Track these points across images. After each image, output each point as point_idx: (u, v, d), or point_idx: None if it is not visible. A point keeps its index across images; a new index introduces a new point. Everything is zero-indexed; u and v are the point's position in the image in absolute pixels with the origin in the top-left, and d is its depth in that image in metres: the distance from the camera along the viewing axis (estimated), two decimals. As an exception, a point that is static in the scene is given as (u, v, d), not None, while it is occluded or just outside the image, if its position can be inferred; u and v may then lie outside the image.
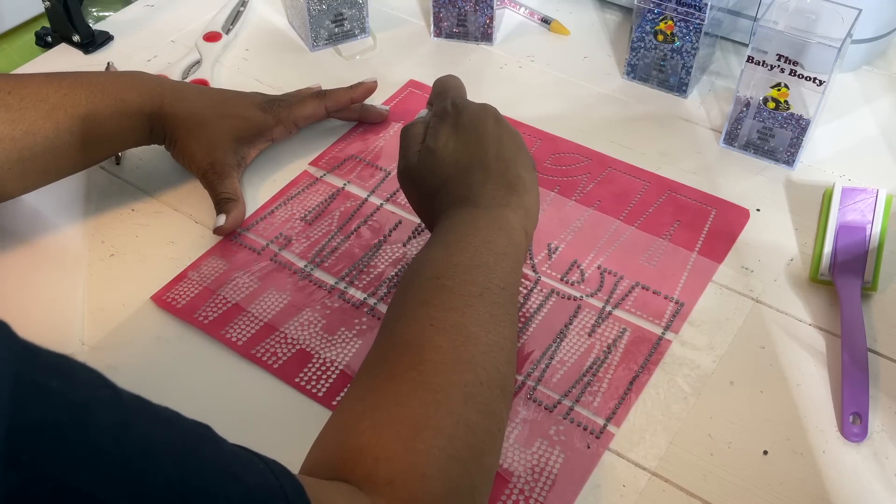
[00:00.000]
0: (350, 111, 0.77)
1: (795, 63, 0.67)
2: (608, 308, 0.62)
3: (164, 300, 0.63)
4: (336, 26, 0.86)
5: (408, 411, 0.42)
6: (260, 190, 0.72)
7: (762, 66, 0.68)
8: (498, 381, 0.46)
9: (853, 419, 0.55)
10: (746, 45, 0.71)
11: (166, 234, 0.68)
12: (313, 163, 0.74)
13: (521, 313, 0.62)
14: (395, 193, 0.71)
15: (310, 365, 0.58)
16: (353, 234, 0.68)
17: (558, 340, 0.60)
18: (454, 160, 0.55)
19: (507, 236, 0.52)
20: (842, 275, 0.62)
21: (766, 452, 0.54)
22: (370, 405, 0.43)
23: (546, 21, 0.90)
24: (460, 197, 0.54)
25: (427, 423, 0.42)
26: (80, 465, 0.27)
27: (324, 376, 0.58)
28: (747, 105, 0.72)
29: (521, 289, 0.63)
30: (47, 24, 0.88)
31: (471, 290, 0.48)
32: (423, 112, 0.62)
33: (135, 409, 0.30)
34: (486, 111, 0.58)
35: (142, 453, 0.29)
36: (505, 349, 0.48)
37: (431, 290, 0.48)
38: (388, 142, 0.76)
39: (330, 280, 0.64)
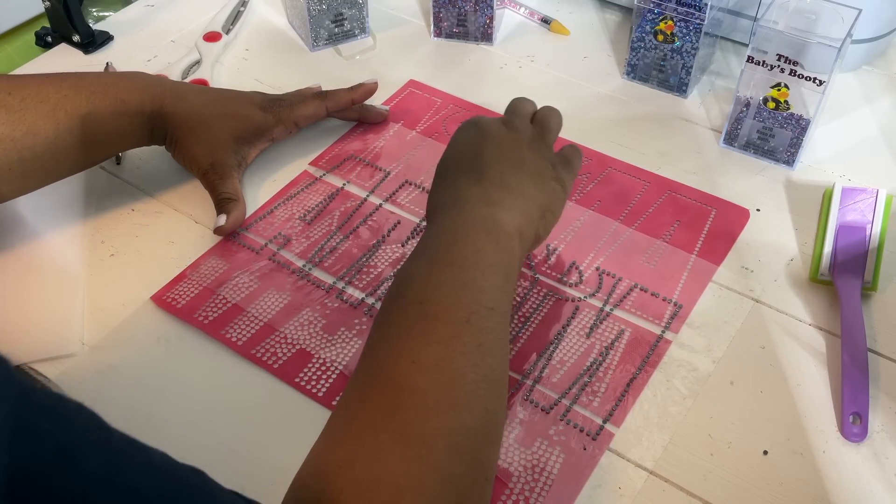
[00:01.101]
0: (350, 111, 0.77)
1: (795, 63, 0.67)
2: (607, 308, 0.62)
3: (164, 300, 0.63)
4: (336, 26, 0.86)
5: (388, 468, 0.40)
6: (260, 190, 0.72)
7: (762, 66, 0.68)
8: (484, 424, 0.43)
9: (853, 419, 0.55)
10: (746, 45, 0.71)
11: (166, 234, 0.68)
12: (313, 163, 0.74)
13: (519, 314, 0.62)
14: (394, 193, 0.71)
15: (309, 365, 0.59)
16: (352, 233, 0.68)
17: (556, 341, 0.60)
18: (473, 153, 0.55)
19: (496, 242, 0.50)
20: (842, 275, 0.62)
21: (766, 452, 0.54)
22: (348, 456, 0.41)
23: (546, 21, 0.90)
24: (456, 192, 0.53)
25: (409, 483, 0.39)
26: None
27: (323, 376, 0.58)
28: (747, 105, 0.72)
29: (519, 289, 0.63)
30: (47, 24, 0.88)
31: (457, 315, 0.45)
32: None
33: (126, 454, 0.30)
34: (539, 150, 0.57)
35: (130, 500, 0.29)
36: (493, 383, 0.45)
37: (414, 318, 0.46)
38: (387, 142, 0.76)
39: (328, 279, 0.64)
